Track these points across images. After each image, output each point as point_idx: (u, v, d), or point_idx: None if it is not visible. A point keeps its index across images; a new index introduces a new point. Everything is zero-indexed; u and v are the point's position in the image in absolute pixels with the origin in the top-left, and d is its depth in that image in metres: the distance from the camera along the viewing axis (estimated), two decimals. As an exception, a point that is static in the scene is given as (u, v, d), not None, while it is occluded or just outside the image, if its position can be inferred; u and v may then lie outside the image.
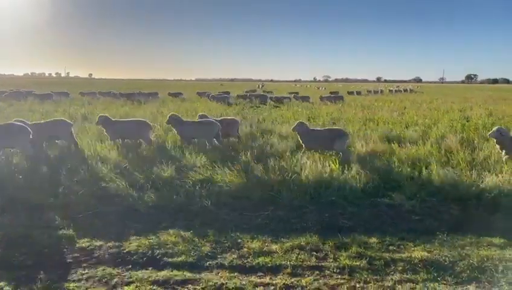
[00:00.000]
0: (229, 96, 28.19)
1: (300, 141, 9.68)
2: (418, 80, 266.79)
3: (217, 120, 10.92)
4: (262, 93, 32.21)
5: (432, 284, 4.16)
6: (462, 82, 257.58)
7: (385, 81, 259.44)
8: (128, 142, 10.49)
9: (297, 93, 37.40)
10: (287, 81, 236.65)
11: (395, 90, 54.43)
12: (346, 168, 7.78)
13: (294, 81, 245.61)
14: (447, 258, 4.69)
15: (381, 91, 50.26)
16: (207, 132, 10.31)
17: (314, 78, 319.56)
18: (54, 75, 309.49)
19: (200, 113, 12.47)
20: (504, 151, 8.67)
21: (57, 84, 62.37)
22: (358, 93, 44.24)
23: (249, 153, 9.15)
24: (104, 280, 4.26)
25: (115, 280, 4.26)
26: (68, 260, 4.71)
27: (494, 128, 8.96)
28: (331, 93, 36.80)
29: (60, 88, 39.21)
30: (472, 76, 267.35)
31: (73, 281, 4.26)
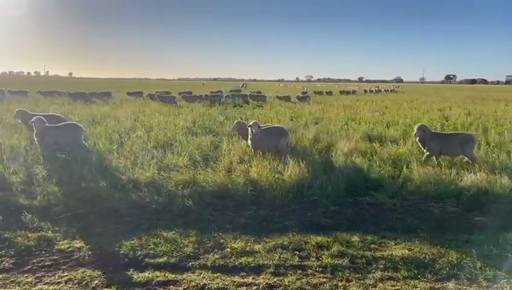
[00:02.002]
0: (175, 97, 26.99)
1: (249, 142, 9.26)
2: (399, 80, 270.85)
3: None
4: (215, 94, 30.78)
5: (412, 282, 4.22)
6: (442, 82, 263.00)
7: (367, 81, 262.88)
8: (110, 142, 10.32)
9: (259, 92, 38.67)
10: (270, 81, 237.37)
11: (369, 91, 52.80)
12: (328, 167, 7.84)
13: (278, 80, 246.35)
14: (427, 256, 4.77)
15: (354, 92, 47.89)
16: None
17: (297, 78, 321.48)
18: (33, 74, 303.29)
19: (18, 109, 11.87)
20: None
21: (33, 83, 61.07)
22: (329, 93, 43.14)
23: (231, 153, 9.13)
24: (84, 282, 4.19)
25: (95, 282, 4.19)
26: (47, 263, 4.61)
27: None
28: (302, 93, 37.65)
29: (33, 87, 38.46)
30: (451, 76, 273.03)
31: (52, 283, 4.17)
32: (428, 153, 8.86)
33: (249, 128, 9.01)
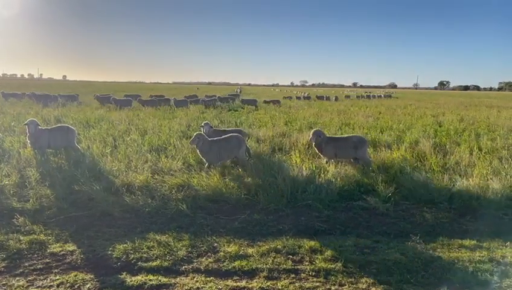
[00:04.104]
0: (131, 100, 25.43)
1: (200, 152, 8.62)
2: (393, 86, 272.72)
3: None
4: (186, 99, 29.43)
5: (405, 286, 4.23)
6: (435, 88, 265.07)
7: (361, 86, 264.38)
8: (104, 145, 10.28)
9: (236, 95, 38.98)
10: (265, 86, 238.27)
11: (357, 96, 50.37)
12: (322, 172, 7.86)
13: (273, 85, 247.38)
14: (419, 260, 4.79)
15: (336, 98, 42.74)
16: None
17: (291, 83, 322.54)
18: (27, 76, 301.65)
19: None
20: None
21: (26, 86, 60.80)
22: (307, 98, 42.40)
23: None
24: (76, 286, 4.16)
25: (88, 285, 4.17)
26: (39, 266, 4.58)
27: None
28: (286, 96, 39.93)
29: (25, 90, 38.36)
30: (445, 82, 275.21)
31: (44, 287, 4.14)
32: (325, 157, 8.99)
33: (194, 140, 8.35)
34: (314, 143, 9.03)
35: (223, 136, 9.01)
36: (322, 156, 9.16)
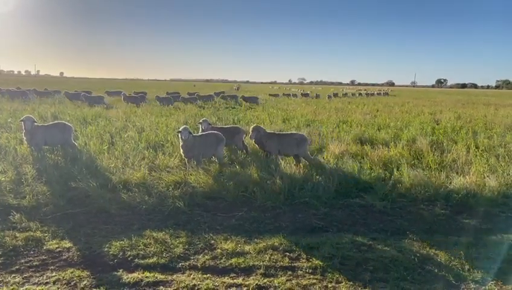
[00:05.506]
0: (103, 97, 24.78)
1: (181, 150, 8.42)
2: (390, 84, 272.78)
3: None
4: (169, 95, 29.10)
5: (402, 283, 4.24)
6: (433, 86, 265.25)
7: (359, 84, 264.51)
8: (101, 142, 10.25)
9: (224, 92, 39.23)
10: (263, 83, 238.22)
11: (344, 94, 48.79)
12: (319, 170, 7.86)
13: (271, 83, 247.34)
14: (416, 258, 4.80)
15: (329, 97, 40.17)
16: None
17: (289, 81, 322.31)
18: (24, 73, 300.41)
19: None
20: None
21: (21, 83, 60.60)
22: (294, 95, 41.89)
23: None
24: (72, 283, 4.15)
25: (84, 282, 4.15)
26: (35, 263, 4.56)
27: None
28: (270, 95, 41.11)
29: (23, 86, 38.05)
30: (442, 80, 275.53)
31: (40, 284, 4.13)
32: (267, 152, 8.91)
33: (179, 135, 8.21)
34: (254, 139, 8.90)
35: (202, 134, 8.93)
36: (264, 151, 9.00)
